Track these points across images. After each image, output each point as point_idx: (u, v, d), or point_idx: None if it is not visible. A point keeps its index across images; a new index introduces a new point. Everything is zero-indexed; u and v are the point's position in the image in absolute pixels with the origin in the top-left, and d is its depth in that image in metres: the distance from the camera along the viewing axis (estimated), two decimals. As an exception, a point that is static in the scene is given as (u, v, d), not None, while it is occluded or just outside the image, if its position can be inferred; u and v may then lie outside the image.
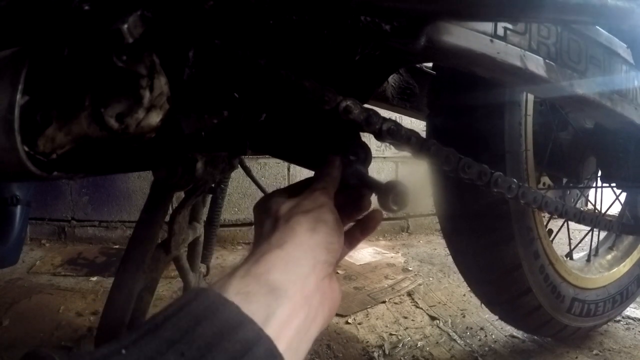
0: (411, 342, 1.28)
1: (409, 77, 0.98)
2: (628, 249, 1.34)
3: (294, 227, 0.46)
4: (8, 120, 0.41)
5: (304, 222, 0.46)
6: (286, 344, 0.38)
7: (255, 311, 0.37)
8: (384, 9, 0.47)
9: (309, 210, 0.48)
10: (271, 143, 0.64)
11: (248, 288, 0.39)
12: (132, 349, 0.32)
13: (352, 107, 0.51)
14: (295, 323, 0.40)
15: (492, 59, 0.58)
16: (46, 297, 1.56)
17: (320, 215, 0.48)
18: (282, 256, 0.43)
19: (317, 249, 0.45)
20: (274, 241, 0.45)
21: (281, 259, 0.43)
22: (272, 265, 0.42)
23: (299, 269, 0.43)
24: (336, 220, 0.49)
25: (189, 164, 0.61)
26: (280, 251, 0.43)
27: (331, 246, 0.47)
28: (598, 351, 1.24)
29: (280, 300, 0.39)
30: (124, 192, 2.33)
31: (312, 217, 0.47)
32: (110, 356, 0.31)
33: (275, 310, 0.38)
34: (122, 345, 0.32)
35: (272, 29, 0.49)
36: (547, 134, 1.09)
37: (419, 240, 2.58)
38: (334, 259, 0.48)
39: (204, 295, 0.37)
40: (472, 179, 0.60)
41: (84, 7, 0.42)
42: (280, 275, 0.41)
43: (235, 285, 0.39)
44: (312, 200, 0.50)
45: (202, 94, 0.54)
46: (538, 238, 0.97)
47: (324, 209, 0.49)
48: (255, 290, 0.39)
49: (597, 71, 0.73)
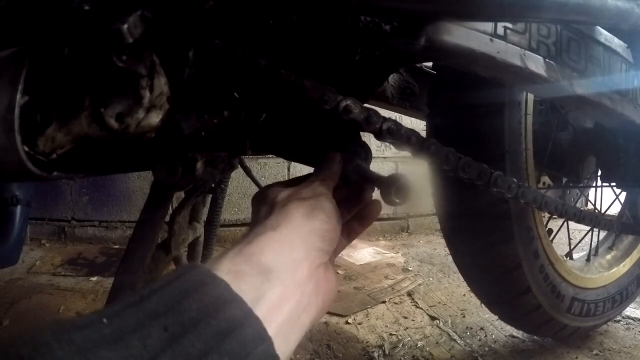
0: (411, 342, 1.28)
1: (408, 76, 0.98)
2: (628, 249, 1.34)
3: (289, 212, 0.45)
4: (8, 120, 0.41)
5: (300, 207, 0.46)
6: (276, 328, 0.37)
7: (245, 291, 0.36)
8: (383, 9, 0.47)
9: (306, 198, 0.47)
10: (271, 142, 0.64)
11: (239, 267, 0.38)
12: (114, 319, 0.31)
13: (352, 107, 0.51)
14: (286, 308, 0.39)
15: (492, 58, 0.58)
16: (46, 297, 1.56)
17: (318, 203, 0.47)
18: (276, 238, 0.42)
19: (313, 236, 0.44)
20: (269, 224, 0.44)
21: (275, 241, 0.42)
22: (265, 246, 0.41)
23: (293, 253, 0.42)
24: (334, 209, 0.48)
25: (189, 164, 0.61)
26: (275, 233, 0.42)
27: (327, 234, 0.46)
28: (598, 351, 1.24)
29: (272, 283, 0.38)
30: (124, 192, 2.33)
31: (308, 204, 0.46)
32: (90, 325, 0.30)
33: (265, 292, 0.38)
34: (104, 314, 0.31)
35: (272, 29, 0.49)
36: (546, 134, 1.09)
37: (419, 240, 2.58)
38: (330, 247, 0.47)
39: (193, 271, 0.36)
40: (472, 178, 0.60)
41: (84, 7, 0.42)
42: (272, 257, 0.40)
43: (226, 264, 0.39)
44: (310, 189, 0.49)
45: (202, 94, 0.54)
46: (538, 238, 0.97)
47: (321, 198, 0.48)
48: (246, 270, 0.38)
49: (596, 70, 0.73)
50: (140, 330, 0.30)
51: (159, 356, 0.29)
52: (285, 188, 0.50)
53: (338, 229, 0.48)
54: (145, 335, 0.30)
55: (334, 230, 0.47)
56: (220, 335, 0.32)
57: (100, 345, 0.29)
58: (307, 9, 0.48)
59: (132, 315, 0.31)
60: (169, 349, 0.30)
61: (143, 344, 0.29)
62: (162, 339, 0.30)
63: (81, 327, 0.30)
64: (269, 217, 0.45)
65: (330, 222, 0.47)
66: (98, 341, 0.29)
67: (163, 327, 0.31)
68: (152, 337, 0.30)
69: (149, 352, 0.29)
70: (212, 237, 1.12)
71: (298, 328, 0.41)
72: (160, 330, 0.31)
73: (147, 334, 0.30)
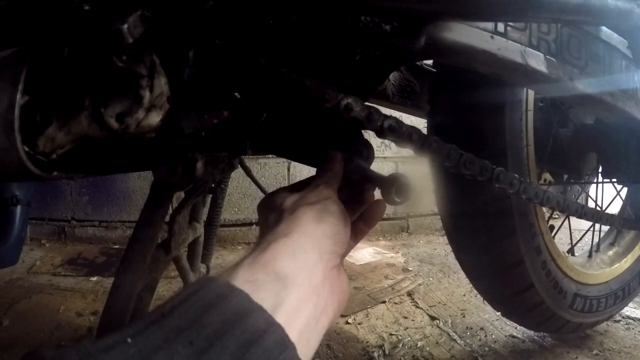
0: (411, 342, 1.28)
1: (409, 74, 0.97)
2: (629, 245, 1.34)
3: (299, 217, 0.45)
4: (8, 120, 0.41)
5: (309, 212, 0.46)
6: (297, 333, 0.37)
7: (264, 299, 0.36)
8: (383, 9, 0.47)
9: (314, 202, 0.47)
10: (272, 142, 0.64)
11: (256, 276, 0.38)
12: (138, 338, 0.31)
13: (353, 105, 0.51)
14: (304, 312, 0.39)
15: (493, 56, 0.58)
16: (46, 297, 1.56)
17: (326, 207, 0.47)
18: (289, 244, 0.42)
19: (324, 239, 0.45)
20: (280, 231, 0.44)
21: (288, 247, 0.42)
22: (279, 253, 0.41)
23: (307, 258, 0.42)
24: (342, 212, 0.48)
25: (189, 164, 0.60)
26: (287, 239, 0.43)
27: (338, 237, 0.46)
28: (598, 351, 1.24)
29: (289, 289, 0.39)
30: (124, 192, 2.33)
31: (317, 209, 0.46)
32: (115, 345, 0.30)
33: (284, 298, 0.38)
34: (128, 334, 0.31)
35: (272, 29, 0.49)
36: (547, 130, 1.09)
37: (419, 240, 2.58)
38: (341, 249, 0.47)
39: (211, 284, 0.36)
40: (474, 174, 0.60)
41: (84, 7, 0.41)
42: (287, 264, 0.40)
43: (243, 274, 0.39)
44: (316, 193, 0.49)
45: (202, 94, 0.54)
46: (540, 234, 0.97)
47: (329, 201, 0.48)
48: (263, 279, 0.38)
49: (597, 67, 0.72)
50: (166, 348, 0.30)
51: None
52: (290, 194, 0.50)
53: (347, 231, 0.48)
54: (172, 352, 0.30)
55: (343, 232, 0.47)
56: (246, 346, 0.32)
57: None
58: (306, 9, 0.48)
59: (156, 332, 0.31)
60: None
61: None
62: (189, 355, 0.30)
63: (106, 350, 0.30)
64: (279, 224, 0.45)
65: (340, 225, 0.47)
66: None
67: (189, 342, 0.31)
68: (179, 353, 0.30)
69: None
70: (212, 237, 1.11)
71: (318, 331, 0.42)
72: (186, 345, 0.31)
73: (174, 350, 0.30)
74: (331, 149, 0.57)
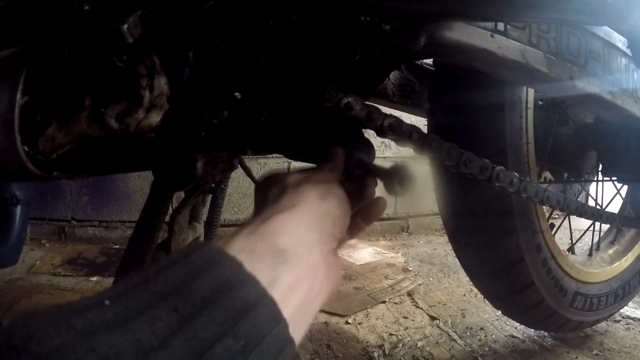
0: (411, 342, 1.28)
1: (409, 73, 0.98)
2: (629, 243, 1.34)
3: (304, 192, 0.44)
4: (8, 120, 0.41)
5: (314, 189, 0.44)
6: (290, 312, 0.34)
7: (259, 271, 0.34)
8: (383, 9, 0.47)
9: (318, 182, 0.46)
10: (273, 141, 0.64)
11: (254, 246, 0.36)
12: (117, 301, 0.28)
13: (353, 104, 0.51)
14: (300, 292, 0.37)
15: (493, 54, 0.58)
16: (46, 297, 1.56)
17: (330, 188, 0.46)
18: (294, 217, 0.41)
19: (326, 219, 0.43)
20: (283, 203, 0.42)
21: (291, 220, 0.40)
22: (281, 225, 0.39)
23: (309, 234, 0.40)
24: (344, 196, 0.47)
25: (189, 164, 0.61)
26: (291, 212, 0.41)
27: (338, 219, 0.45)
28: (598, 351, 1.24)
29: (288, 264, 0.37)
30: (124, 192, 2.33)
31: (321, 187, 0.45)
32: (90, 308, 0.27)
33: (281, 273, 0.36)
34: (106, 296, 0.28)
35: (272, 29, 0.49)
36: (547, 128, 1.09)
37: (419, 240, 2.57)
38: (340, 234, 0.46)
39: (203, 249, 0.34)
40: (474, 173, 0.60)
41: (84, 7, 0.41)
42: (289, 238, 0.38)
43: (240, 242, 0.37)
44: (321, 175, 0.48)
45: (202, 94, 0.54)
46: (540, 231, 0.97)
47: (333, 184, 0.47)
48: (261, 249, 0.36)
49: (596, 65, 0.73)
50: (147, 313, 0.27)
51: (169, 340, 0.27)
52: (293, 173, 0.49)
53: (348, 216, 0.47)
54: (153, 317, 0.27)
55: (344, 216, 0.46)
56: (235, 318, 0.30)
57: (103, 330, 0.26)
58: (306, 9, 0.48)
59: (138, 296, 0.29)
60: (180, 332, 0.27)
61: (151, 328, 0.27)
62: (172, 322, 0.28)
63: (81, 311, 0.27)
64: (283, 197, 0.43)
65: (342, 208, 0.46)
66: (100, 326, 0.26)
67: (172, 309, 0.28)
68: (161, 319, 0.27)
69: (157, 337, 0.27)
70: (212, 237, 1.11)
71: (309, 314, 0.39)
72: (170, 312, 0.28)
73: (156, 316, 0.27)
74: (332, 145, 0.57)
